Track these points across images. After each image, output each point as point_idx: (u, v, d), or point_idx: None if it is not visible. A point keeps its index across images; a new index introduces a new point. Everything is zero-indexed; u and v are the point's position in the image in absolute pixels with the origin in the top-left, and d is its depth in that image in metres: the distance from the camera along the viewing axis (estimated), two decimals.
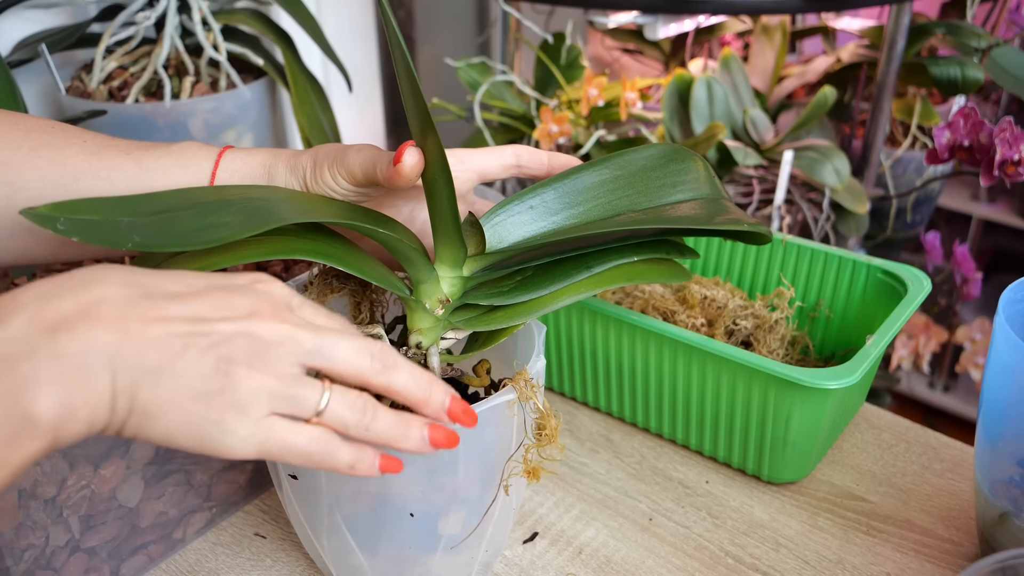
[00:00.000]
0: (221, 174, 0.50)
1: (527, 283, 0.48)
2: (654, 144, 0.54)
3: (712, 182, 0.55)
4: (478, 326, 0.48)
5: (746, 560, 0.57)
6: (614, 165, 0.52)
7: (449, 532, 0.48)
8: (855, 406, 0.68)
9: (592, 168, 0.51)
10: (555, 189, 0.50)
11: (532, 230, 0.49)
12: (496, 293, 0.47)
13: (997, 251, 1.90)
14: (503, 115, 1.10)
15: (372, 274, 0.45)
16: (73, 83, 0.92)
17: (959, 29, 1.08)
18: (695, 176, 0.54)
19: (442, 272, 0.47)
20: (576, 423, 0.70)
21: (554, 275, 0.48)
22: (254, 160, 0.51)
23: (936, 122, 1.23)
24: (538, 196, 0.49)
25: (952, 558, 0.57)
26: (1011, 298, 0.52)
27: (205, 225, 0.42)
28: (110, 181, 0.49)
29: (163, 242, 0.40)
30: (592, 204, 0.50)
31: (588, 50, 1.49)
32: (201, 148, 0.51)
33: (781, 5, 0.97)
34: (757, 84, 1.20)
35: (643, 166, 0.53)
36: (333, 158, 0.49)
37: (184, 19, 0.89)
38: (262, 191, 0.47)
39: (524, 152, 0.53)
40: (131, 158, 0.50)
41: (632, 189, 0.52)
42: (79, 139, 0.50)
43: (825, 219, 1.04)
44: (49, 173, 0.48)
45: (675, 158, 0.54)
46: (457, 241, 0.46)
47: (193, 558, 0.57)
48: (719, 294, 0.70)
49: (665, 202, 0.52)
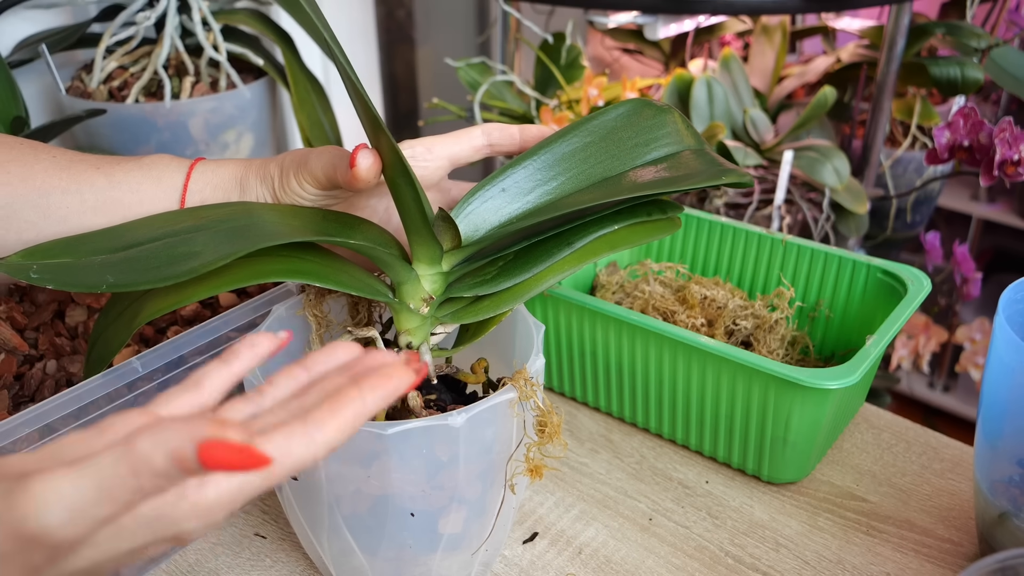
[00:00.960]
0: (193, 187, 0.50)
1: (509, 268, 0.47)
2: (622, 102, 0.52)
3: (691, 132, 0.53)
4: (465, 318, 0.47)
5: (746, 560, 0.57)
6: (584, 131, 0.50)
7: (450, 532, 0.48)
8: (855, 406, 0.68)
9: (562, 139, 0.49)
10: (526, 167, 0.48)
11: (507, 213, 0.47)
12: (479, 283, 0.47)
13: (997, 251, 1.90)
14: (503, 115, 1.10)
15: (352, 284, 0.45)
16: (73, 83, 0.92)
17: (959, 29, 1.08)
18: (671, 130, 0.52)
19: (421, 271, 0.47)
20: (576, 423, 0.70)
21: (535, 256, 0.47)
22: (225, 172, 0.51)
23: (936, 122, 1.23)
24: (510, 177, 0.48)
25: (952, 558, 0.57)
26: (1011, 298, 0.52)
27: (176, 256, 0.42)
28: (80, 196, 0.49)
29: (136, 279, 0.40)
30: (566, 177, 0.49)
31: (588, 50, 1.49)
32: (172, 161, 0.51)
33: (781, 5, 0.97)
34: (757, 84, 1.20)
35: (613, 127, 0.51)
36: (297, 165, 0.49)
37: (184, 19, 0.89)
38: (232, 210, 0.46)
39: (494, 130, 0.52)
40: (101, 172, 0.50)
41: (605, 154, 0.50)
42: (48, 155, 0.50)
43: (825, 219, 1.04)
44: (19, 189, 0.48)
45: (644, 114, 0.52)
46: (430, 238, 0.45)
47: (193, 558, 0.57)
48: (719, 294, 0.70)
49: (641, 163, 0.50)
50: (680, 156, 0.52)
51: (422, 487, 0.45)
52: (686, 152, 0.52)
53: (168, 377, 0.52)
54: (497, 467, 0.47)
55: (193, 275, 0.39)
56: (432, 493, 0.46)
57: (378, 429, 0.42)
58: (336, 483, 0.45)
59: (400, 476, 0.44)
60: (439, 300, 0.47)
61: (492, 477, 0.48)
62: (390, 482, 0.44)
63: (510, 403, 0.45)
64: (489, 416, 0.45)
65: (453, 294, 0.47)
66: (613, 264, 0.78)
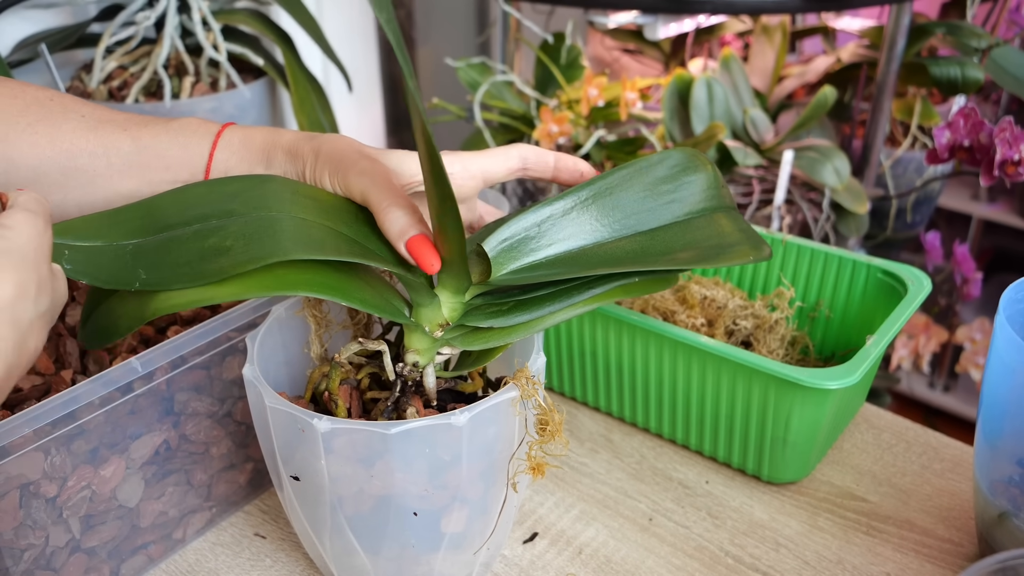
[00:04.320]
0: (219, 155, 0.50)
1: (525, 304, 0.47)
2: (671, 152, 0.52)
3: (726, 191, 0.53)
4: (473, 344, 0.47)
5: (746, 560, 0.57)
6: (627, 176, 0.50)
7: (452, 531, 0.48)
8: (855, 406, 0.68)
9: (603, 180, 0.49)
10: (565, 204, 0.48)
11: (539, 256, 0.47)
12: (494, 314, 0.47)
13: (997, 251, 1.90)
14: (503, 115, 1.10)
15: (374, 304, 0.45)
16: (73, 83, 0.92)
17: (959, 29, 1.08)
18: (708, 184, 0.52)
19: (444, 298, 0.47)
20: (576, 423, 0.70)
21: (554, 297, 0.47)
22: (253, 142, 0.51)
23: (936, 122, 1.23)
24: (547, 214, 0.48)
25: (952, 558, 0.57)
26: (1011, 298, 0.52)
27: (206, 251, 0.42)
28: (107, 159, 0.49)
29: (167, 278, 0.41)
30: (601, 223, 0.49)
31: (588, 50, 1.49)
32: (200, 125, 0.51)
33: (781, 5, 0.97)
34: (757, 84, 1.20)
35: (656, 178, 0.51)
36: (335, 167, 0.48)
37: (184, 19, 0.89)
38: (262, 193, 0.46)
39: (530, 154, 0.52)
40: (128, 135, 0.50)
41: (642, 206, 0.50)
42: (77, 113, 0.50)
43: (825, 219, 1.04)
44: (46, 151, 0.48)
45: (688, 167, 0.52)
46: (463, 272, 0.45)
47: (193, 558, 0.57)
48: (719, 294, 0.70)
49: (672, 220, 0.51)
50: (714, 218, 0.52)
51: (425, 486, 0.45)
52: (719, 215, 0.52)
53: (168, 377, 0.52)
54: (499, 466, 0.47)
55: (220, 276, 0.40)
56: (435, 492, 0.46)
57: (381, 429, 0.42)
58: (339, 483, 0.45)
59: (403, 476, 0.44)
60: (453, 325, 0.47)
61: (494, 476, 0.48)
62: (393, 482, 0.44)
63: (512, 402, 0.45)
64: (491, 415, 0.45)
65: (468, 322, 0.47)
66: None
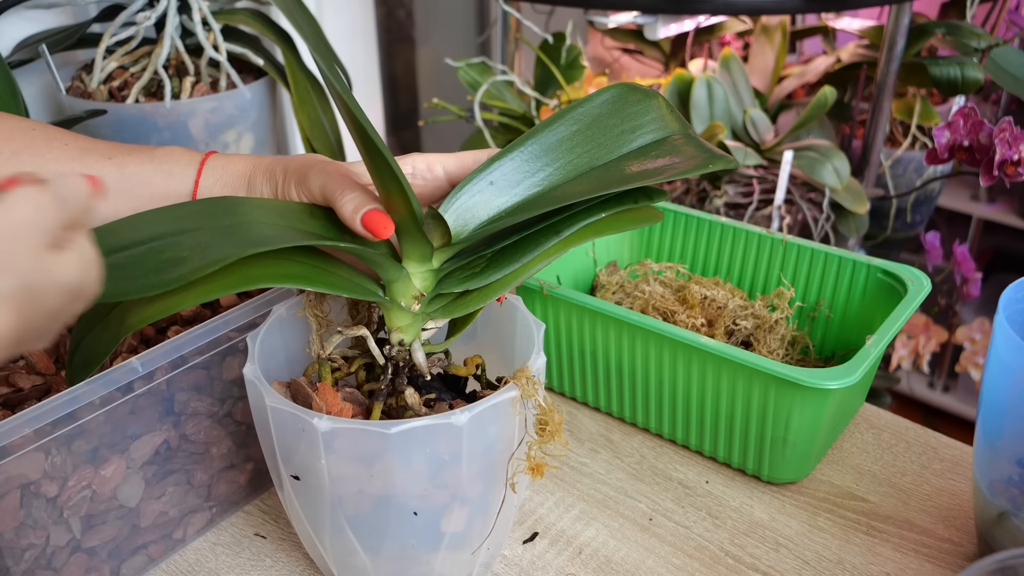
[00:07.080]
0: (204, 183, 0.51)
1: (497, 260, 0.47)
2: (607, 88, 0.52)
3: (675, 116, 0.53)
4: (455, 312, 0.48)
5: (746, 560, 0.57)
6: (570, 120, 0.50)
7: (452, 530, 0.48)
8: (855, 406, 0.68)
9: (548, 128, 0.49)
10: (513, 159, 0.48)
11: (496, 207, 0.47)
12: (468, 277, 0.47)
13: (997, 251, 1.90)
14: (503, 115, 1.10)
15: (342, 286, 0.45)
16: (73, 83, 0.92)
17: (959, 29, 1.08)
18: (657, 115, 0.52)
19: (411, 269, 0.47)
20: (576, 423, 0.70)
21: (523, 247, 0.47)
22: (235, 168, 0.51)
23: (936, 122, 1.23)
24: (497, 169, 0.48)
25: (952, 558, 0.57)
26: (1011, 298, 0.52)
27: (162, 263, 0.41)
28: None
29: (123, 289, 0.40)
30: (554, 167, 0.49)
31: (588, 50, 1.49)
32: (184, 154, 0.52)
33: (781, 5, 0.97)
34: (757, 84, 1.20)
35: (599, 114, 0.51)
36: (299, 177, 0.49)
37: (184, 19, 0.89)
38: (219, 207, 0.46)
39: None
40: (113, 163, 0.50)
41: (592, 142, 0.50)
42: (61, 143, 0.50)
43: (825, 219, 1.04)
44: None
45: (630, 99, 0.52)
46: (420, 237, 0.45)
47: (193, 558, 0.57)
48: (719, 294, 0.70)
49: (627, 150, 0.50)
50: (668, 141, 0.51)
51: (425, 486, 0.45)
52: (674, 137, 0.52)
53: (168, 377, 0.52)
54: (499, 466, 0.47)
55: (181, 283, 0.39)
56: (435, 492, 0.46)
57: (381, 428, 0.42)
58: (339, 483, 0.45)
59: (403, 475, 0.44)
60: (430, 296, 0.48)
61: (494, 476, 0.48)
62: (393, 481, 0.44)
63: (512, 401, 0.45)
64: (491, 414, 0.45)
65: (443, 290, 0.47)
66: (613, 264, 0.78)
